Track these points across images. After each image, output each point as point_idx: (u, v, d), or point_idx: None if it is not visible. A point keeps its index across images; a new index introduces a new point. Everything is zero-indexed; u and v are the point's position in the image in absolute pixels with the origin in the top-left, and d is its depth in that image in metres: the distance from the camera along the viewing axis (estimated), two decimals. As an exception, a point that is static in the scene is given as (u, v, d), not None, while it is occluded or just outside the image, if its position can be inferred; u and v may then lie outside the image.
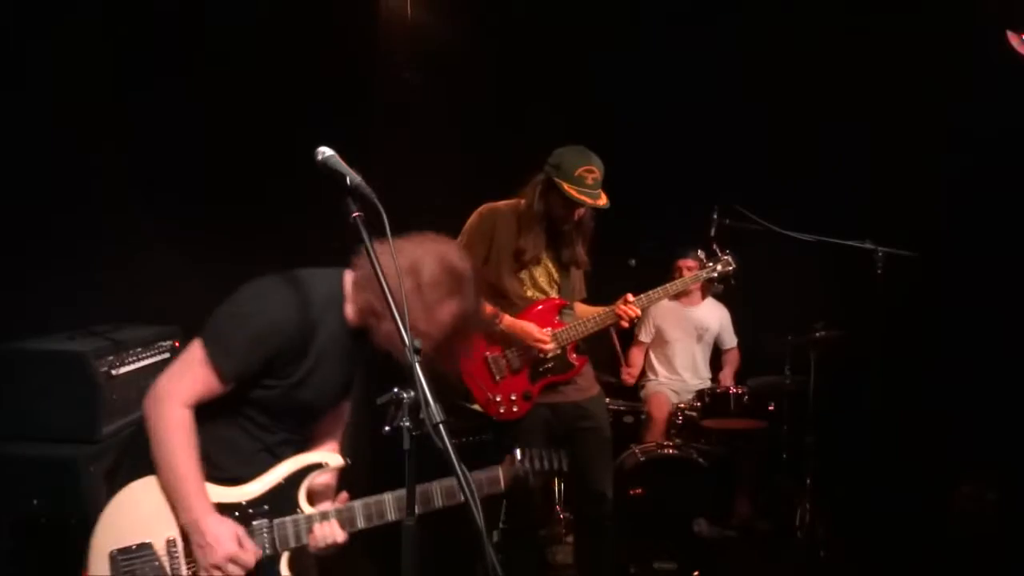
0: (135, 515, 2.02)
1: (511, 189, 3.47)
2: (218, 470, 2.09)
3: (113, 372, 2.71)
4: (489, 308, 3.29)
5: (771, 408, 4.58)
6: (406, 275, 1.96)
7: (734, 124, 4.84)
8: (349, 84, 4.32)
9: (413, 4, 4.79)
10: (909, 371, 4.65)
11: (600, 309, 3.51)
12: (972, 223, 4.65)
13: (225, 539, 2.00)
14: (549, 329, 3.39)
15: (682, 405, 4.69)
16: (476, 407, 4.38)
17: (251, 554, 2.04)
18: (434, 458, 1.69)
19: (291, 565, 2.12)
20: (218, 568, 1.99)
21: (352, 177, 1.93)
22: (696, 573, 4.10)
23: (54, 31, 3.09)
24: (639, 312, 3.46)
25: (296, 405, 2.12)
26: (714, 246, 3.75)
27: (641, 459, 4.22)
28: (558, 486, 4.45)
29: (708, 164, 4.81)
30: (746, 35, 4.96)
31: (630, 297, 3.43)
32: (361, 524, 2.15)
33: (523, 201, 3.40)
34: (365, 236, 1.89)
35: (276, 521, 2.10)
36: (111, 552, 2.00)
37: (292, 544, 2.11)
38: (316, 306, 2.07)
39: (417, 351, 1.75)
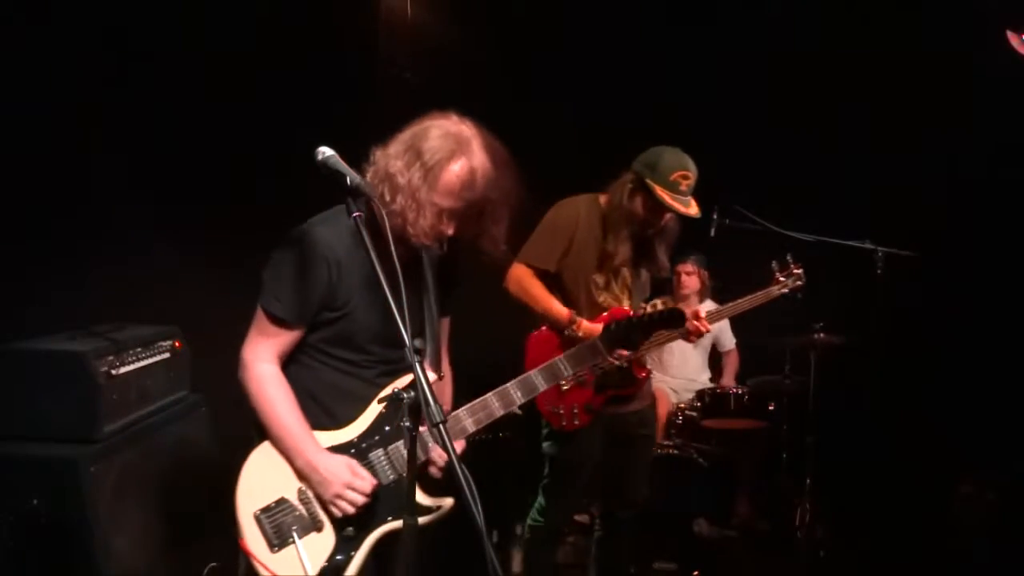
0: (265, 477, 2.14)
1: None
2: (334, 419, 2.19)
3: (113, 372, 2.71)
4: (565, 310, 3.15)
5: (771, 408, 4.58)
6: (406, 153, 2.06)
7: (734, 124, 4.84)
8: (349, 84, 4.32)
9: (413, 4, 4.79)
10: (909, 371, 4.65)
11: None
12: (972, 223, 4.65)
13: (338, 470, 2.10)
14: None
15: (682, 405, 4.69)
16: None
17: (366, 480, 2.12)
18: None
19: (420, 484, 2.17)
20: (339, 497, 2.09)
21: (352, 177, 1.94)
22: (696, 573, 4.10)
23: (54, 31, 3.09)
24: (710, 328, 3.33)
25: (372, 331, 2.17)
26: (788, 257, 3.58)
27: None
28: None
29: (708, 164, 4.80)
30: (746, 35, 4.96)
31: (701, 312, 3.30)
32: (471, 428, 2.22)
33: (603, 197, 3.25)
34: (365, 236, 1.89)
35: (390, 447, 2.18)
36: (254, 514, 2.12)
37: None
38: (349, 227, 2.08)
39: (418, 351, 1.75)
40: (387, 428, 2.19)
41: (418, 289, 2.25)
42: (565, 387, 3.22)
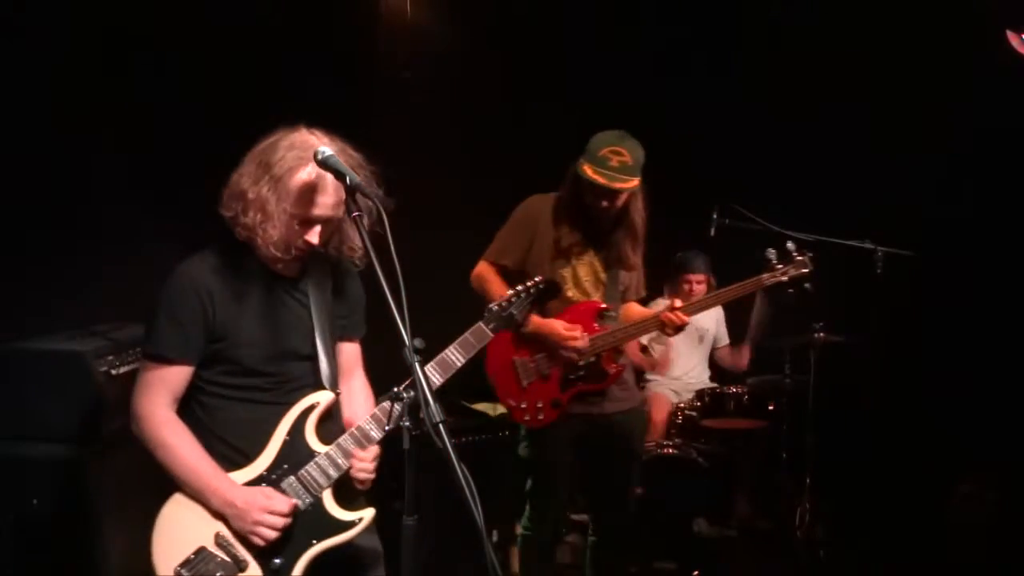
0: (178, 531, 2.12)
1: (511, 188, 3.45)
2: (243, 455, 2.16)
3: (113, 372, 2.71)
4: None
5: (771, 408, 4.58)
6: (256, 168, 2.09)
7: (734, 124, 4.84)
8: (349, 84, 4.32)
9: (413, 4, 4.79)
10: (909, 371, 4.64)
11: (648, 312, 3.31)
12: (972, 223, 4.65)
13: (253, 498, 2.09)
14: (579, 327, 3.12)
15: (682, 405, 4.69)
16: (477, 407, 4.39)
17: (283, 502, 2.11)
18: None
19: (337, 500, 2.19)
20: (259, 524, 2.08)
21: (352, 177, 1.94)
22: (696, 573, 4.10)
23: (54, 30, 3.09)
24: (687, 320, 3.12)
25: (262, 352, 2.17)
26: (788, 245, 3.34)
27: (641, 459, 4.22)
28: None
29: (708, 164, 4.81)
30: (746, 34, 4.96)
31: (678, 303, 3.15)
32: (376, 436, 2.20)
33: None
34: (364, 236, 1.90)
35: (300, 472, 2.17)
36: (175, 571, 2.09)
37: (324, 483, 2.17)
38: (217, 259, 2.17)
39: (417, 351, 1.75)
40: (294, 455, 2.18)
41: (305, 307, 2.26)
42: (525, 383, 3.19)
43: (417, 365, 1.73)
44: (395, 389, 1.86)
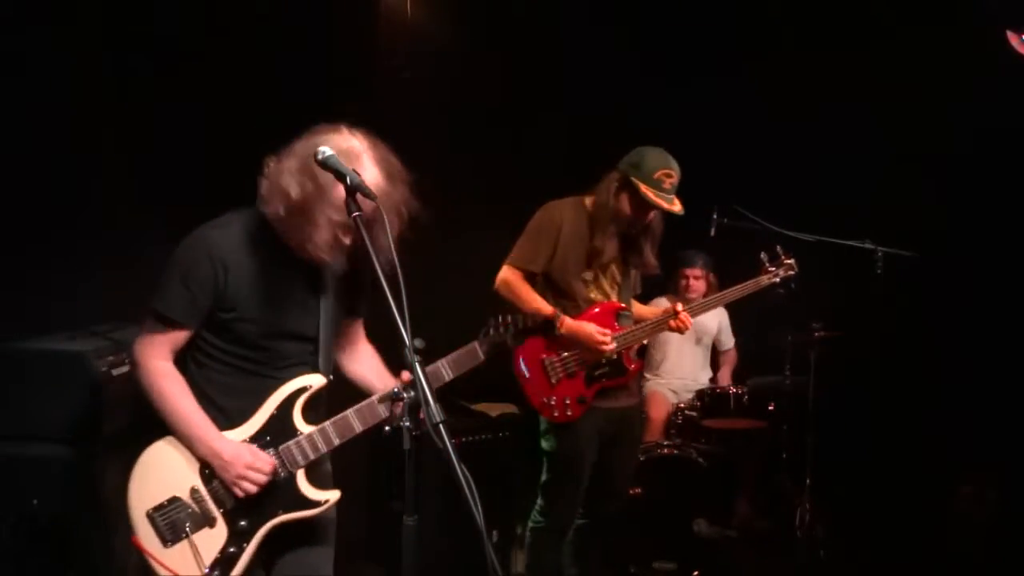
0: (156, 477, 2.20)
1: (511, 188, 3.46)
2: (228, 418, 2.22)
3: (113, 372, 2.71)
4: (550, 309, 3.24)
5: (771, 408, 4.58)
6: (299, 170, 2.09)
7: (734, 124, 4.84)
8: (349, 84, 4.32)
9: (413, 4, 4.78)
10: (909, 371, 4.65)
11: (654, 310, 3.56)
12: (972, 223, 4.65)
13: (240, 451, 2.17)
14: (608, 331, 3.32)
15: (682, 405, 4.69)
16: (477, 407, 4.39)
17: (266, 461, 2.19)
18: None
19: (310, 480, 2.27)
20: (242, 478, 2.16)
21: (352, 177, 1.95)
22: (696, 573, 4.10)
23: (54, 31, 3.09)
24: (691, 324, 3.43)
25: (267, 329, 2.21)
26: (778, 249, 3.65)
27: (640, 459, 4.22)
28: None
29: (708, 164, 4.80)
30: (746, 35, 4.96)
31: (680, 307, 3.41)
32: (358, 428, 2.27)
33: (588, 199, 3.37)
34: (364, 236, 1.90)
35: (281, 447, 2.23)
36: (147, 513, 2.18)
37: (302, 461, 2.24)
38: (239, 231, 2.20)
39: (417, 351, 1.75)
40: (278, 430, 2.24)
41: (316, 291, 2.29)
42: (554, 381, 3.33)
43: (417, 365, 1.73)
44: (395, 389, 1.87)
